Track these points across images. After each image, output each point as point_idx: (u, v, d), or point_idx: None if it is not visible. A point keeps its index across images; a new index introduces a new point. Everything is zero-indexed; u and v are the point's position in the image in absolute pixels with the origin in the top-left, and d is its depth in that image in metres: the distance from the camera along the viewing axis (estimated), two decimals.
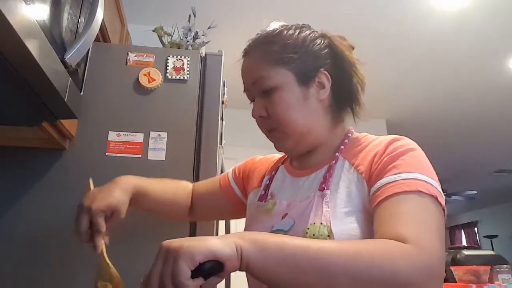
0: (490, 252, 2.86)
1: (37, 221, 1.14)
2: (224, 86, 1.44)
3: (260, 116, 0.78)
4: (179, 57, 1.35)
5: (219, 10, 2.50)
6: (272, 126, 0.78)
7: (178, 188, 1.02)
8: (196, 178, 1.24)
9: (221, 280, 0.52)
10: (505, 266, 2.24)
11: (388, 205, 0.61)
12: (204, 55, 1.40)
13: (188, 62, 1.35)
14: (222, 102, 1.40)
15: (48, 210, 1.15)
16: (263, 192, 0.85)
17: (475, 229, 8.93)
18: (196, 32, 1.60)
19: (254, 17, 2.57)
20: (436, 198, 0.61)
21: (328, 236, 0.63)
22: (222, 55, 1.40)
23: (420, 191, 0.61)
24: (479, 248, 7.72)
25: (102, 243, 0.76)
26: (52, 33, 0.83)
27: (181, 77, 1.33)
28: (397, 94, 3.77)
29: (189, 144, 1.27)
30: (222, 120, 1.52)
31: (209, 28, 1.65)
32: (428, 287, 0.52)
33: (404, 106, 4.02)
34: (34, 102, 0.91)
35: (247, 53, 0.81)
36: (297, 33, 0.79)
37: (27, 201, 1.15)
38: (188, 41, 1.57)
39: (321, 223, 0.65)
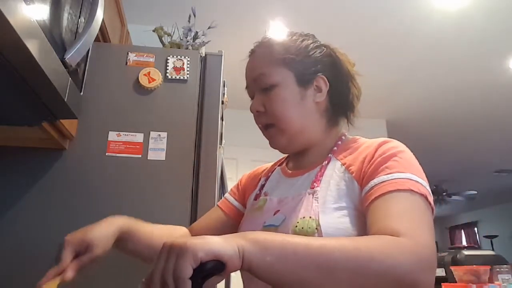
0: (490, 252, 2.86)
1: (37, 221, 1.14)
2: (224, 86, 1.44)
3: (258, 111, 0.82)
4: (179, 57, 1.35)
5: (219, 10, 2.50)
6: (268, 121, 0.81)
7: (175, 229, 0.95)
8: (196, 178, 1.24)
9: (222, 279, 0.52)
10: (505, 266, 2.23)
11: (382, 202, 0.64)
12: (204, 55, 1.40)
13: (188, 62, 1.35)
14: (222, 102, 1.40)
15: (48, 210, 1.15)
16: (258, 192, 0.89)
17: (475, 229, 8.93)
18: (196, 32, 1.60)
19: (254, 17, 2.57)
20: (426, 197, 0.65)
21: (316, 228, 0.66)
22: (222, 55, 1.40)
23: (412, 190, 0.64)
24: (479, 248, 7.72)
25: (52, 279, 0.68)
26: (52, 33, 0.83)
27: (181, 77, 1.33)
28: (397, 94, 3.77)
29: (189, 144, 1.27)
30: (222, 120, 1.52)
31: (209, 28, 1.65)
32: (424, 278, 0.55)
33: (404, 106, 4.02)
34: (34, 102, 0.91)
35: (252, 52, 0.87)
36: (300, 40, 0.84)
37: (27, 201, 1.15)
38: (188, 41, 1.56)
39: (310, 217, 0.68)
